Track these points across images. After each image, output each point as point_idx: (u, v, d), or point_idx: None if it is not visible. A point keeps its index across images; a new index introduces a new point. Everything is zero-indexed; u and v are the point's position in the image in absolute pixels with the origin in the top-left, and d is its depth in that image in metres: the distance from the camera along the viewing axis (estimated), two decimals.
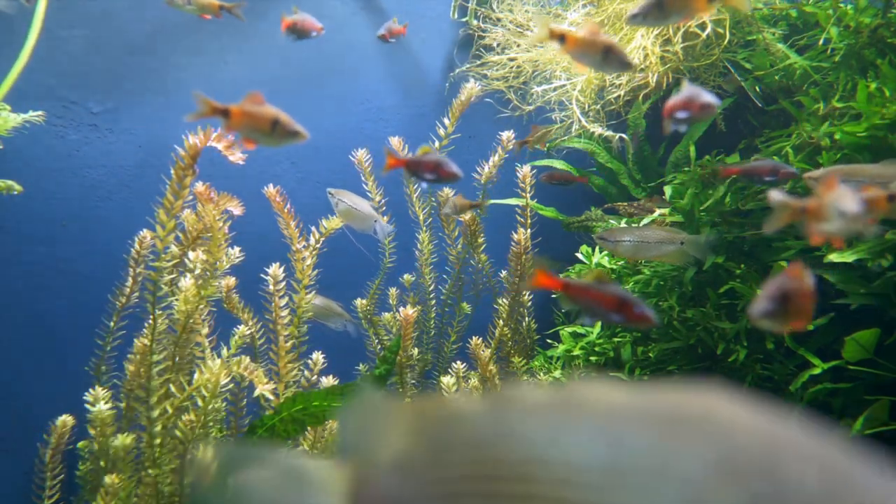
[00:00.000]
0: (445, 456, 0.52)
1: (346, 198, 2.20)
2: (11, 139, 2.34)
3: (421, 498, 0.53)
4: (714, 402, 0.45)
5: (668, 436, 0.43)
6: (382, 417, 0.57)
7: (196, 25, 2.85)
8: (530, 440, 0.47)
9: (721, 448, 0.42)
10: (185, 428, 1.81)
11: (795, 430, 0.43)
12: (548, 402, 0.49)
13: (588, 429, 0.46)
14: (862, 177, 1.66)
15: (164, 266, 1.86)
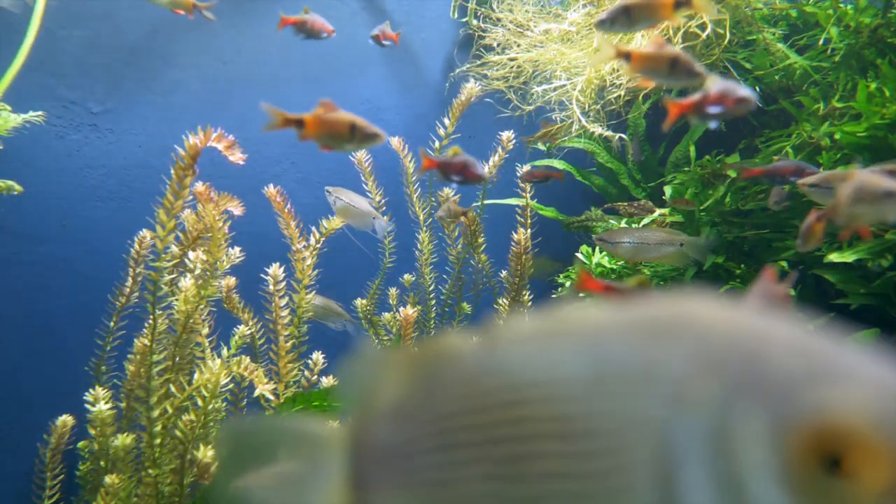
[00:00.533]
0: (438, 396, 0.52)
1: (343, 195, 2.20)
2: (11, 139, 2.34)
3: (417, 440, 0.53)
4: (692, 306, 0.45)
5: (649, 341, 0.44)
6: (379, 368, 0.58)
7: (196, 26, 2.85)
8: (518, 367, 0.48)
9: (699, 345, 0.42)
10: (185, 428, 1.81)
11: (775, 322, 0.43)
12: (534, 329, 0.50)
13: (572, 347, 0.47)
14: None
15: (164, 266, 1.86)
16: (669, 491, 0.41)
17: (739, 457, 0.40)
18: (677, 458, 0.41)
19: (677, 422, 0.42)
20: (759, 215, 2.22)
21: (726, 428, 0.41)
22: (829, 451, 0.38)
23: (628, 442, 0.43)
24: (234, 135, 1.85)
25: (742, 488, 0.40)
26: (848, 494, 0.38)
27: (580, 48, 2.73)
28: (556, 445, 0.45)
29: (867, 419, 0.38)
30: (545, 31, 2.83)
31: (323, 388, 2.02)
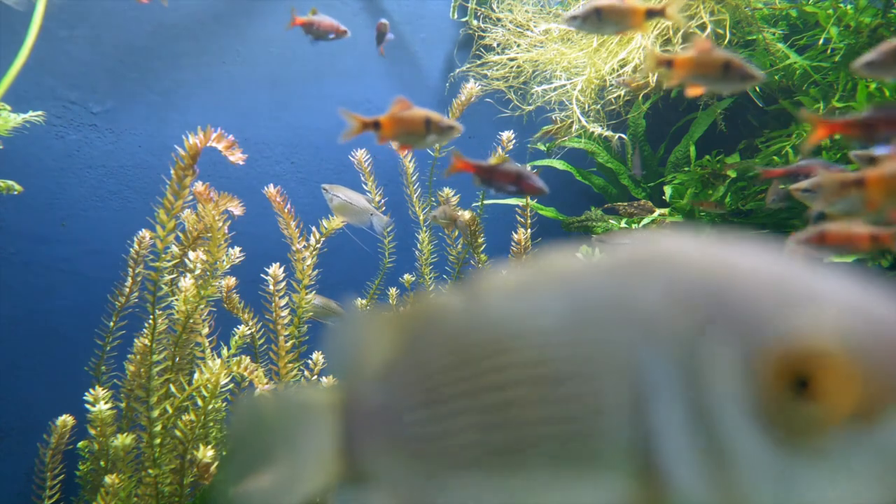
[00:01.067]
0: (424, 353, 0.53)
1: (340, 192, 2.20)
2: (11, 139, 2.34)
3: (405, 399, 0.54)
4: (665, 244, 0.46)
5: (622, 281, 0.45)
6: (367, 332, 0.59)
7: (196, 26, 2.85)
8: (498, 317, 0.49)
9: (671, 281, 0.43)
10: (185, 428, 1.81)
11: (747, 253, 0.44)
12: (514, 280, 0.51)
13: (550, 293, 0.48)
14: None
15: (164, 266, 1.86)
16: (643, 425, 0.42)
17: (710, 387, 0.41)
18: (650, 392, 0.42)
19: (650, 357, 0.42)
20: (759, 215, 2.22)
21: (697, 360, 0.41)
22: (797, 375, 0.39)
23: (605, 381, 0.43)
24: (234, 135, 1.85)
25: (713, 418, 0.41)
26: (816, 417, 0.38)
27: (580, 48, 2.73)
28: (536, 390, 0.46)
29: (833, 340, 0.38)
30: (545, 31, 2.83)
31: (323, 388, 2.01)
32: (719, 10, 2.50)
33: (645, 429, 0.42)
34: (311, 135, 2.95)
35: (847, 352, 0.38)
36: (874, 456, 0.38)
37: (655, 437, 0.42)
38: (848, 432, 0.38)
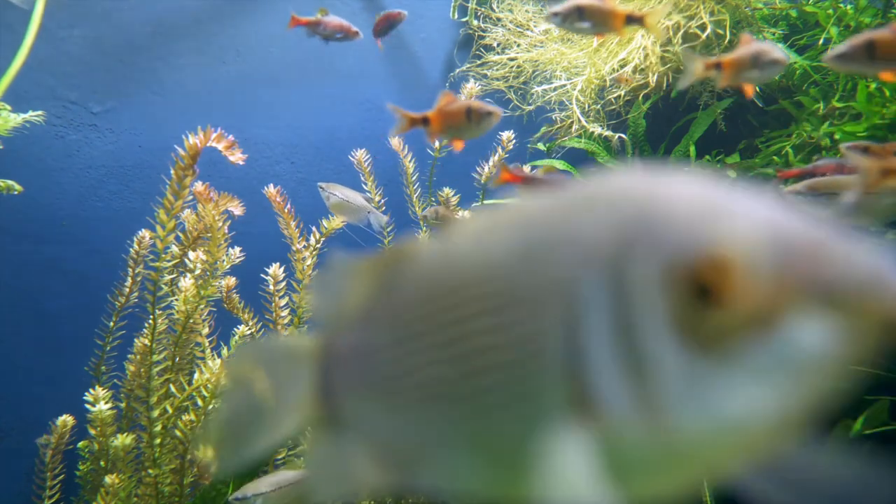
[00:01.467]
0: (395, 295, 0.57)
1: (337, 191, 2.20)
2: (11, 139, 2.34)
3: (378, 340, 0.57)
4: (614, 179, 0.49)
5: (569, 214, 0.48)
6: (346, 278, 0.61)
7: (196, 26, 2.85)
8: (460, 256, 0.53)
9: (609, 209, 0.46)
10: (185, 428, 1.81)
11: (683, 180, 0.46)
12: (479, 222, 0.54)
13: (506, 230, 0.51)
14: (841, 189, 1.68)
15: (163, 266, 1.86)
16: (577, 346, 0.45)
17: (633, 304, 0.43)
18: (583, 314, 0.45)
19: (585, 281, 0.45)
20: None
21: (623, 278, 0.43)
22: (703, 283, 0.41)
23: (545, 307, 0.46)
24: (234, 135, 1.85)
25: (636, 334, 0.43)
26: (723, 324, 0.41)
27: (580, 48, 2.73)
28: (488, 321, 0.49)
29: (735, 249, 0.40)
30: (545, 31, 2.83)
31: None
32: (719, 10, 2.50)
33: (578, 349, 0.44)
34: (311, 135, 2.95)
35: (747, 260, 0.40)
36: (777, 359, 0.40)
37: (586, 357, 0.44)
38: (752, 338, 0.40)
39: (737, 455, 0.45)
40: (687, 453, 0.44)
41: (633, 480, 0.46)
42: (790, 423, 0.43)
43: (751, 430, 0.42)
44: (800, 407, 0.42)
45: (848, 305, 0.40)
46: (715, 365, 0.41)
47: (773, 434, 0.43)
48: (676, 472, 0.46)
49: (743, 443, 0.43)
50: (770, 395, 0.41)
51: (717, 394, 0.41)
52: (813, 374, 0.41)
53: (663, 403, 0.42)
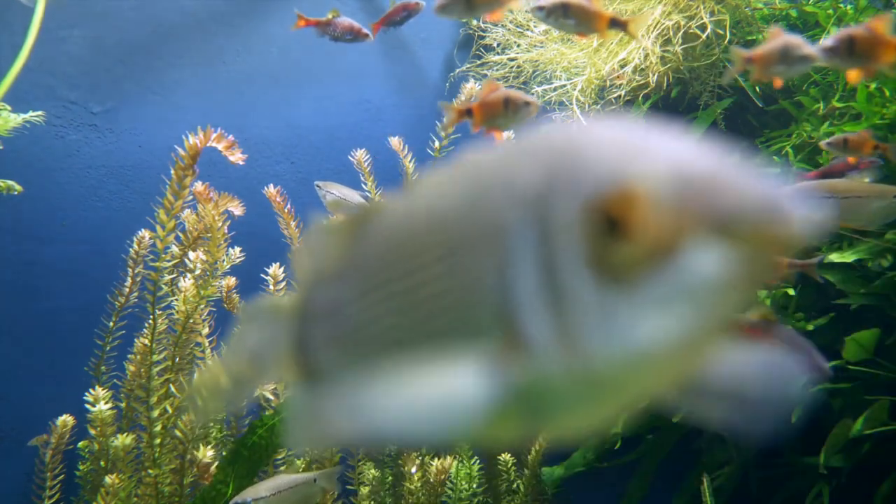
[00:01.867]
0: (363, 252, 0.60)
1: (334, 189, 2.20)
2: (11, 139, 2.34)
3: (347, 294, 0.60)
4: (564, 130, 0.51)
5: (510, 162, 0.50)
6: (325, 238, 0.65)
7: (196, 26, 2.85)
8: (416, 209, 0.56)
9: (546, 156, 0.48)
10: (185, 428, 1.81)
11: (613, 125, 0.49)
12: (438, 177, 0.57)
13: (459, 181, 0.54)
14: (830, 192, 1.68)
15: (163, 266, 1.87)
16: (506, 282, 0.47)
17: (554, 240, 0.46)
18: (512, 251, 0.47)
19: (514, 221, 0.47)
20: None
21: (546, 217, 0.46)
22: (615, 216, 0.43)
23: (483, 250, 0.49)
24: (234, 135, 1.85)
25: (556, 269, 0.45)
26: (629, 255, 0.43)
27: (580, 48, 2.73)
28: (436, 269, 0.52)
29: (640, 182, 0.43)
30: (545, 32, 2.83)
31: None
32: (719, 10, 2.50)
33: (508, 289, 0.47)
34: (311, 135, 2.95)
35: (650, 193, 0.42)
36: (677, 288, 0.42)
37: (514, 295, 0.47)
38: (655, 268, 0.43)
39: (650, 382, 0.48)
40: (604, 382, 0.46)
41: (560, 413, 0.49)
42: (695, 347, 0.45)
43: (658, 356, 0.44)
44: (702, 332, 0.44)
45: (741, 233, 0.41)
46: (624, 296, 0.43)
47: (680, 359, 0.46)
48: (598, 403, 0.49)
49: (653, 369, 0.45)
50: (673, 322, 0.43)
51: (627, 323, 0.44)
52: (711, 299, 0.43)
53: (580, 335, 0.45)
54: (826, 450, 1.92)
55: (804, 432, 2.22)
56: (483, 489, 2.17)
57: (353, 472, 2.20)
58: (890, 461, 1.91)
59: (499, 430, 0.52)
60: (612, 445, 2.37)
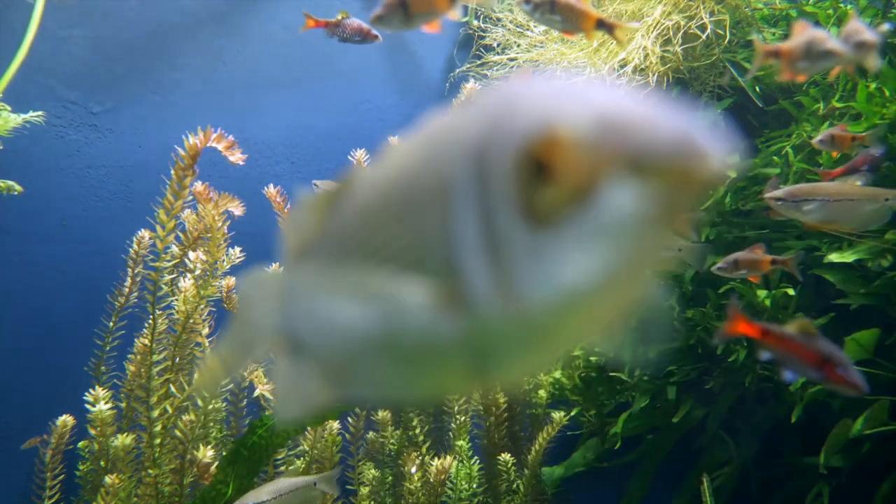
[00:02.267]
0: (339, 224, 0.63)
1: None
2: (11, 139, 2.34)
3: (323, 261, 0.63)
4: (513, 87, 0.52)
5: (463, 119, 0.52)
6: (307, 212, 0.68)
7: (196, 26, 2.85)
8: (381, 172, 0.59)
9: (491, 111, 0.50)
10: (185, 428, 1.81)
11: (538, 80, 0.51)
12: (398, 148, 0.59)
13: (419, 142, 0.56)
14: (822, 195, 1.68)
15: (163, 266, 1.87)
16: (450, 232, 0.49)
17: (491, 189, 0.47)
18: (457, 203, 0.49)
19: (459, 175, 0.49)
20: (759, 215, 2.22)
21: (485, 168, 0.48)
22: (541, 160, 0.45)
23: (434, 205, 0.51)
24: (233, 135, 1.85)
25: (493, 216, 0.47)
26: (552, 198, 0.45)
27: (580, 48, 2.73)
28: (396, 228, 0.55)
29: (562, 125, 0.44)
30: (545, 32, 2.83)
31: None
32: (719, 10, 2.50)
33: (452, 240, 0.49)
34: (311, 135, 2.95)
35: (572, 135, 0.44)
36: (598, 227, 0.44)
37: (458, 246, 0.49)
38: (578, 208, 0.44)
39: (582, 323, 0.49)
40: (539, 325, 0.48)
41: (502, 358, 0.52)
42: (622, 286, 0.47)
43: (586, 295, 0.46)
44: (626, 269, 0.46)
45: (656, 168, 0.43)
46: (553, 239, 0.45)
47: (608, 298, 0.47)
48: (536, 346, 0.51)
49: (584, 309, 0.47)
50: (597, 261, 0.45)
51: (555, 265, 0.45)
52: (631, 236, 0.44)
53: (514, 280, 0.47)
54: (826, 450, 1.92)
55: (804, 432, 2.23)
56: (483, 489, 2.17)
57: (352, 473, 2.20)
58: (890, 461, 1.91)
59: (449, 377, 0.56)
60: (612, 445, 2.37)
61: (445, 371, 0.55)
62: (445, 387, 0.61)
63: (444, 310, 0.50)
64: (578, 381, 2.42)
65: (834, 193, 1.68)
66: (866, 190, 1.70)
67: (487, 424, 2.26)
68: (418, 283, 0.51)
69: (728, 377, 2.21)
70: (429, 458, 2.08)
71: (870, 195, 1.68)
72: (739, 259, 1.80)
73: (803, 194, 1.70)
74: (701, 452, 2.41)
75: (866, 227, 1.74)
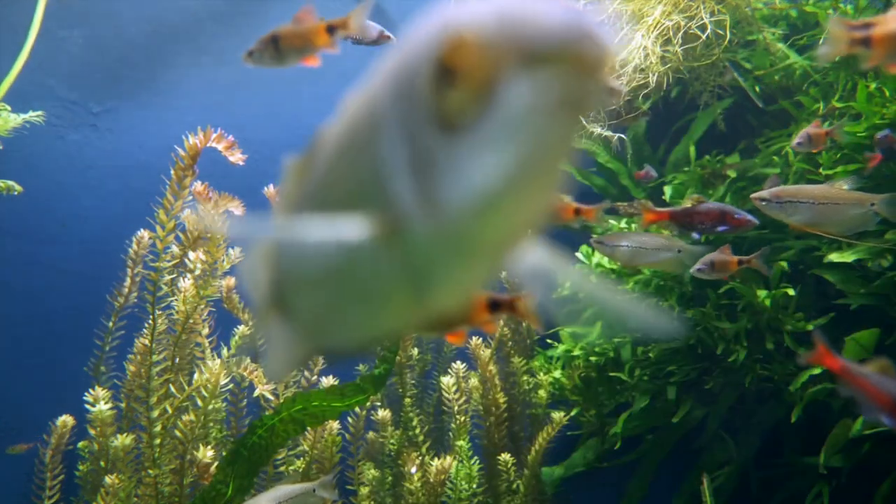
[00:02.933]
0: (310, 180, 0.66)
1: None
2: (11, 139, 2.34)
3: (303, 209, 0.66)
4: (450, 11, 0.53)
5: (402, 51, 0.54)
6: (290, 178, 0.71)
7: (196, 26, 2.85)
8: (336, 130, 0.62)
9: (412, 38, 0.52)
10: (185, 428, 1.81)
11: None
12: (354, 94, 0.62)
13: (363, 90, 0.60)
14: (807, 198, 1.68)
15: (163, 266, 1.87)
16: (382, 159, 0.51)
17: (414, 107, 0.49)
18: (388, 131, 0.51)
19: (392, 103, 0.51)
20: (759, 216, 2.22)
21: (412, 88, 0.49)
22: (448, 64, 0.46)
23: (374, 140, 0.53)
24: (233, 135, 1.84)
25: (416, 134, 0.48)
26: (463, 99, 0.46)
27: None
28: (346, 169, 0.58)
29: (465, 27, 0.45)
30: None
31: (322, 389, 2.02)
32: (719, 10, 2.50)
33: (384, 166, 0.51)
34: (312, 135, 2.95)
35: (473, 35, 0.45)
36: (501, 122, 0.45)
37: (386, 168, 0.51)
38: (483, 107, 0.45)
39: (503, 227, 0.50)
40: (463, 233, 0.49)
41: (439, 277, 0.53)
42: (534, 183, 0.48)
43: (500, 195, 0.47)
44: (536, 164, 0.46)
45: (548, 57, 0.44)
46: (465, 143, 0.46)
47: (523, 197, 0.48)
48: (466, 259, 0.52)
49: (501, 211, 0.48)
50: (506, 158, 0.45)
51: (469, 169, 0.46)
52: (535, 128, 0.45)
53: (435, 191, 0.48)
54: (826, 450, 1.92)
55: (804, 432, 2.23)
56: (483, 489, 2.17)
57: (352, 473, 2.20)
58: (890, 461, 1.91)
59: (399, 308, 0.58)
60: (612, 445, 2.37)
61: (395, 303, 0.57)
62: (398, 320, 0.62)
63: (384, 240, 0.52)
64: (578, 381, 2.42)
65: (819, 197, 1.68)
66: (852, 194, 1.70)
67: (487, 424, 2.26)
68: (358, 218, 0.52)
69: (728, 377, 2.21)
70: (429, 458, 2.08)
71: (855, 199, 1.68)
72: (715, 261, 1.80)
73: (789, 196, 1.70)
74: (701, 452, 2.41)
75: (852, 231, 1.73)
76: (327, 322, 0.66)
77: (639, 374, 2.30)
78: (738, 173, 2.35)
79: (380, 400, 2.33)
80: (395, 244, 0.52)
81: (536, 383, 2.41)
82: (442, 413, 2.37)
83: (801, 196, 1.69)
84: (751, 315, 2.09)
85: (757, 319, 2.08)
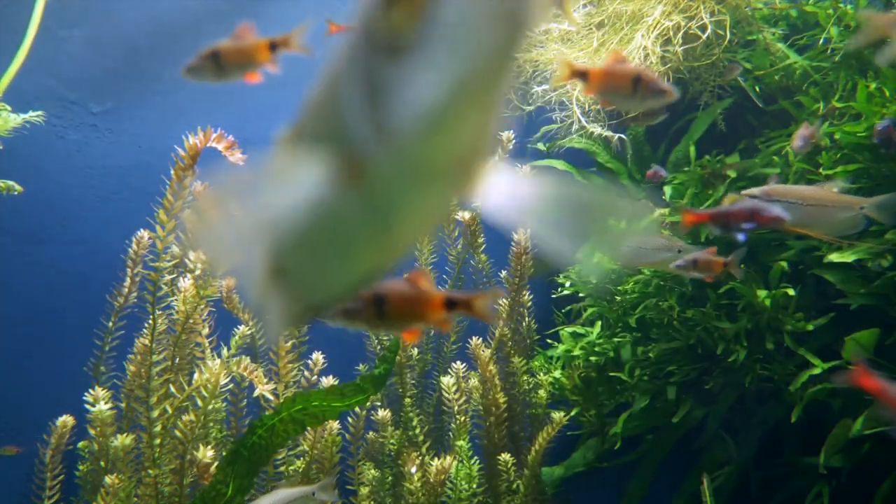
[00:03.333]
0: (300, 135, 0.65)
1: None
2: (11, 139, 2.34)
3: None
4: None
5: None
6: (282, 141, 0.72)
7: (196, 26, 2.85)
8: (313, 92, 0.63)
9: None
10: (185, 428, 1.81)
11: None
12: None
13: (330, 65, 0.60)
14: (796, 198, 1.68)
15: (163, 266, 1.87)
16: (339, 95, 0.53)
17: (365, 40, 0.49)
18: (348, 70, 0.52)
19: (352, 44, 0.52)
20: None
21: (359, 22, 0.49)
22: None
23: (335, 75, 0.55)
24: (233, 135, 1.84)
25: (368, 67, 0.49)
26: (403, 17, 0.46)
27: (580, 48, 2.73)
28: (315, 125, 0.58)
29: None
30: (545, 31, 2.83)
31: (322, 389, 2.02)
32: (719, 10, 2.50)
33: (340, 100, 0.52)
34: None
35: None
36: (442, 38, 0.45)
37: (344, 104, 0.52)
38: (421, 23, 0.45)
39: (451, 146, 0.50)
40: (415, 157, 0.49)
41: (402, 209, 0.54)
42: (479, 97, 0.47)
43: (445, 110, 0.46)
44: (479, 77, 0.46)
45: None
46: (408, 64, 0.46)
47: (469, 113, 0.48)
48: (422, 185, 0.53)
49: (448, 128, 0.48)
50: (444, 74, 0.45)
51: (412, 89, 0.46)
52: (473, 39, 0.44)
53: (387, 118, 0.48)
54: (826, 450, 1.92)
55: (804, 432, 2.23)
56: (483, 489, 2.17)
57: (352, 473, 2.20)
58: (890, 461, 1.91)
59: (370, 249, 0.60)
60: (612, 445, 2.37)
61: (367, 244, 0.59)
62: (373, 261, 0.63)
63: (348, 179, 0.52)
64: (578, 381, 2.42)
65: (809, 198, 1.68)
66: (842, 197, 1.70)
67: (487, 424, 2.26)
68: (320, 158, 0.53)
69: (728, 377, 2.21)
70: (429, 458, 2.08)
71: (844, 202, 1.68)
72: (698, 259, 1.79)
73: (778, 195, 1.70)
74: (701, 452, 2.41)
75: (840, 234, 1.73)
76: (313, 276, 0.68)
77: (639, 374, 2.30)
78: (738, 173, 2.35)
79: (380, 400, 2.33)
80: (358, 182, 0.52)
81: (536, 383, 2.41)
82: (442, 413, 2.37)
83: (791, 196, 1.69)
84: (751, 315, 2.09)
85: (757, 319, 2.08)
